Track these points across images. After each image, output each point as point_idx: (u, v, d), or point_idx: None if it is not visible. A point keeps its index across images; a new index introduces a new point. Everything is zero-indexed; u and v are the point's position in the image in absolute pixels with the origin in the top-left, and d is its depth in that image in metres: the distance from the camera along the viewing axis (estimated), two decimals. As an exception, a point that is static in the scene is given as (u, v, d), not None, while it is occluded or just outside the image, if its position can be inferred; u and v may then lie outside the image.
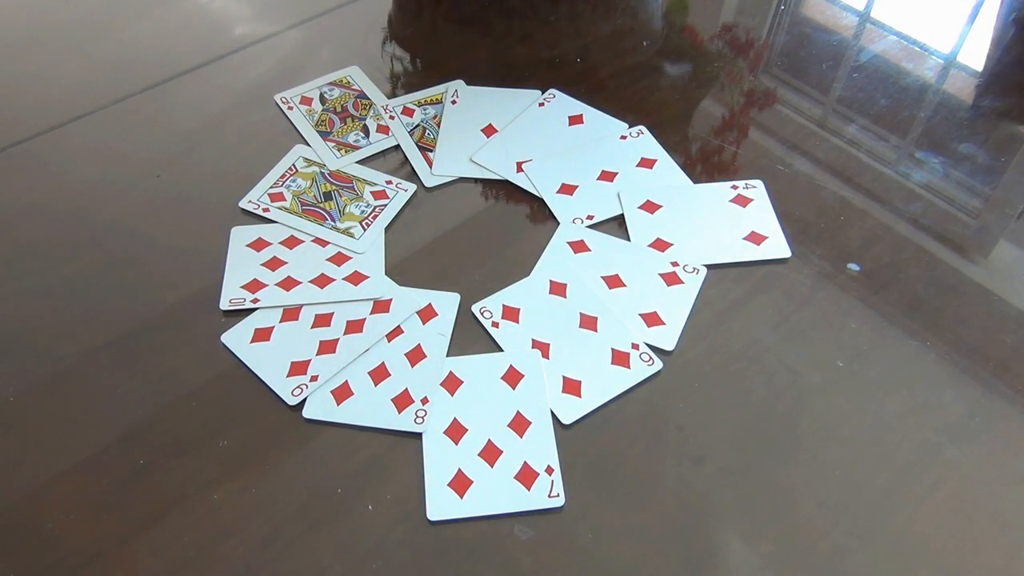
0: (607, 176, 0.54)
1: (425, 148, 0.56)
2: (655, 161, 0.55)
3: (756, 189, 0.53)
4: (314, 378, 0.43)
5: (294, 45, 0.65)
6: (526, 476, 0.39)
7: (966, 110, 0.61)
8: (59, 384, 0.44)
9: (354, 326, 0.45)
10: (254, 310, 0.46)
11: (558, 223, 0.51)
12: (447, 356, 0.44)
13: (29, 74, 0.63)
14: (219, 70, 0.63)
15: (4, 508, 0.39)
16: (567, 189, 0.53)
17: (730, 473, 0.40)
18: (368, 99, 0.60)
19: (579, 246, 0.50)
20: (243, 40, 0.66)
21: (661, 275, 0.48)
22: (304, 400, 0.42)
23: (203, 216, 0.52)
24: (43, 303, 0.48)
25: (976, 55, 0.66)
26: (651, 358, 0.44)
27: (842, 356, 0.45)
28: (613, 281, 0.48)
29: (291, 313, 0.46)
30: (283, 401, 0.42)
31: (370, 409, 0.42)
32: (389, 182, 0.54)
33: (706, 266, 0.49)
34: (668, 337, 0.45)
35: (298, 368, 0.43)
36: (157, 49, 0.65)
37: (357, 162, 0.55)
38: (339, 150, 0.56)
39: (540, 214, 0.52)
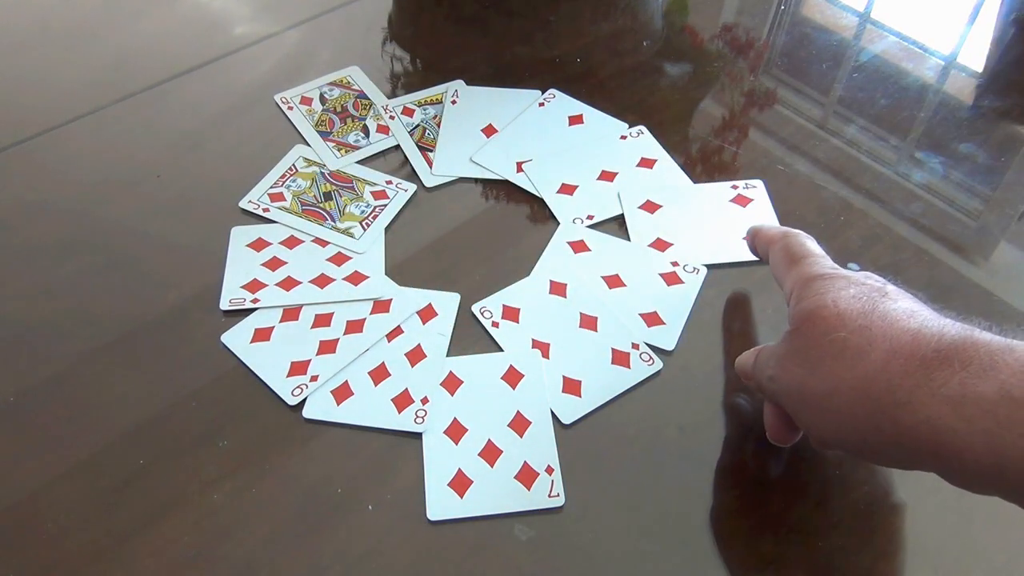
0: (607, 176, 0.54)
1: (425, 148, 0.56)
2: (655, 161, 0.55)
3: (756, 189, 0.53)
4: (314, 378, 0.43)
5: (294, 45, 0.65)
6: (526, 476, 0.39)
7: (966, 110, 0.61)
8: (59, 384, 0.44)
9: (354, 326, 0.45)
10: (254, 310, 0.46)
11: (558, 223, 0.51)
12: (447, 356, 0.44)
13: (29, 74, 0.63)
14: (219, 70, 0.63)
15: (4, 508, 0.39)
16: (567, 189, 0.53)
17: (730, 473, 0.40)
18: (368, 99, 0.60)
19: (579, 246, 0.50)
20: (243, 40, 0.66)
21: (661, 275, 0.48)
22: (304, 400, 0.42)
23: (203, 216, 0.52)
24: (43, 303, 0.48)
25: (976, 55, 0.66)
26: (651, 358, 0.44)
27: (842, 356, 0.45)
28: (613, 281, 0.48)
29: (291, 313, 0.46)
30: (283, 401, 0.42)
31: (370, 409, 0.42)
32: (389, 182, 0.54)
33: (706, 266, 0.49)
34: (668, 337, 0.45)
35: (298, 368, 0.43)
36: (157, 49, 0.65)
37: (357, 162, 0.55)
38: (339, 150, 0.56)
39: (540, 214, 0.52)
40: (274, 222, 0.51)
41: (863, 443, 0.31)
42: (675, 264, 0.49)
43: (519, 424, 0.41)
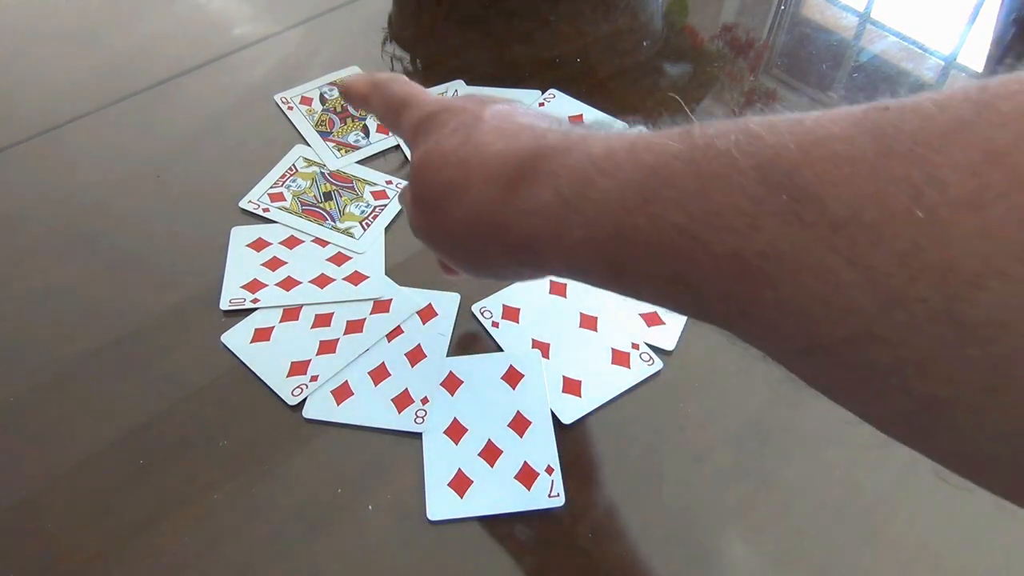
0: (607, 176, 0.54)
1: (425, 148, 0.56)
2: (655, 161, 0.55)
3: (756, 189, 0.53)
4: (314, 378, 0.43)
5: (294, 45, 0.65)
6: (526, 476, 0.39)
7: (966, 110, 0.61)
8: (59, 384, 0.44)
9: (354, 326, 0.45)
10: (254, 310, 0.46)
11: (558, 223, 0.51)
12: (447, 356, 0.44)
13: (29, 74, 0.63)
14: (219, 70, 0.63)
15: (4, 508, 0.39)
16: (567, 189, 0.53)
17: (730, 473, 0.40)
18: (368, 99, 0.60)
19: (579, 246, 0.50)
20: (243, 40, 0.66)
21: (661, 275, 0.48)
22: (304, 400, 0.42)
23: (203, 216, 0.52)
24: (43, 303, 0.48)
25: (976, 55, 0.66)
26: (651, 358, 0.44)
27: (842, 356, 0.45)
28: (613, 281, 0.48)
29: (291, 313, 0.46)
30: (283, 401, 0.42)
31: (370, 409, 0.42)
32: (389, 182, 0.54)
33: (706, 266, 0.49)
34: (668, 337, 0.45)
35: (298, 368, 0.43)
36: (157, 49, 0.65)
37: (357, 162, 0.55)
38: (339, 150, 0.56)
39: (540, 214, 0.52)
40: (274, 222, 0.51)
41: (499, 267, 0.32)
42: (675, 264, 0.49)
43: (519, 424, 0.41)
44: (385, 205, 0.52)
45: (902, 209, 0.18)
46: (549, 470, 0.39)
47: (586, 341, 0.45)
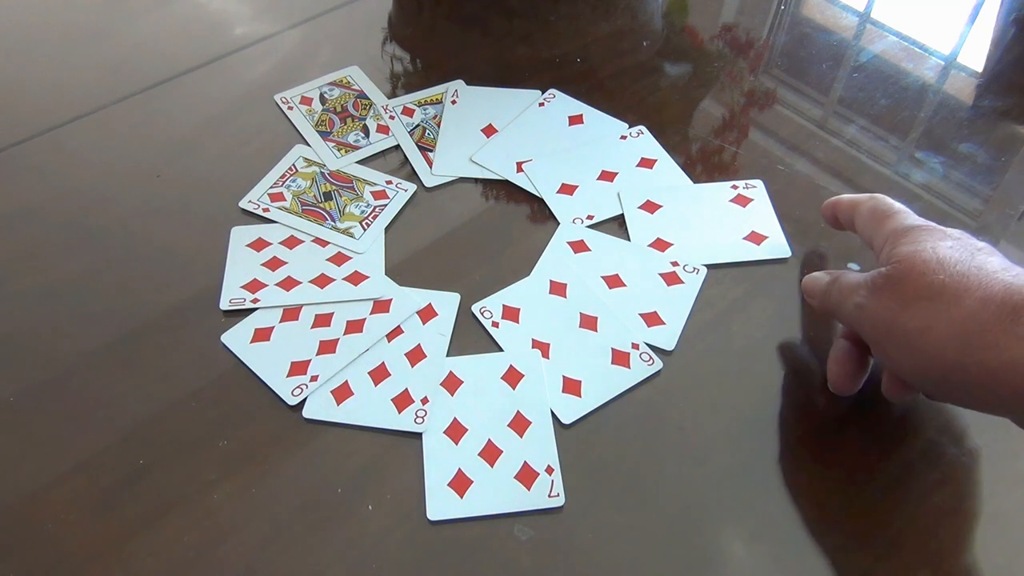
0: (607, 176, 0.54)
1: (425, 148, 0.56)
2: (655, 161, 0.55)
3: (756, 189, 0.53)
4: (314, 378, 0.43)
5: (294, 45, 0.65)
6: (526, 476, 0.39)
7: (966, 110, 0.61)
8: (59, 384, 0.44)
9: (354, 326, 0.45)
10: (254, 310, 0.46)
11: (558, 223, 0.51)
12: (447, 356, 0.44)
13: (29, 74, 0.63)
14: (219, 70, 0.63)
15: (4, 508, 0.39)
16: (567, 189, 0.53)
17: (730, 473, 0.40)
18: (368, 99, 0.60)
19: (579, 246, 0.50)
20: (243, 40, 0.66)
21: (661, 275, 0.48)
22: (304, 400, 0.42)
23: (203, 216, 0.52)
24: (43, 303, 0.48)
25: (976, 55, 0.66)
26: (651, 358, 0.44)
27: (842, 356, 0.45)
28: (613, 281, 0.48)
29: (291, 313, 0.46)
30: (283, 401, 0.42)
31: (370, 409, 0.42)
32: (389, 182, 0.54)
33: (706, 266, 0.49)
34: (668, 337, 0.45)
35: (298, 368, 0.43)
36: (157, 49, 0.65)
37: (357, 162, 0.55)
38: (339, 150, 0.56)
39: (540, 214, 0.53)
40: (274, 222, 0.51)
41: (945, 381, 0.34)
42: (675, 264, 0.49)
43: (519, 424, 0.41)
44: (385, 205, 0.52)
45: None
46: (549, 470, 0.39)
47: (586, 341, 0.45)
